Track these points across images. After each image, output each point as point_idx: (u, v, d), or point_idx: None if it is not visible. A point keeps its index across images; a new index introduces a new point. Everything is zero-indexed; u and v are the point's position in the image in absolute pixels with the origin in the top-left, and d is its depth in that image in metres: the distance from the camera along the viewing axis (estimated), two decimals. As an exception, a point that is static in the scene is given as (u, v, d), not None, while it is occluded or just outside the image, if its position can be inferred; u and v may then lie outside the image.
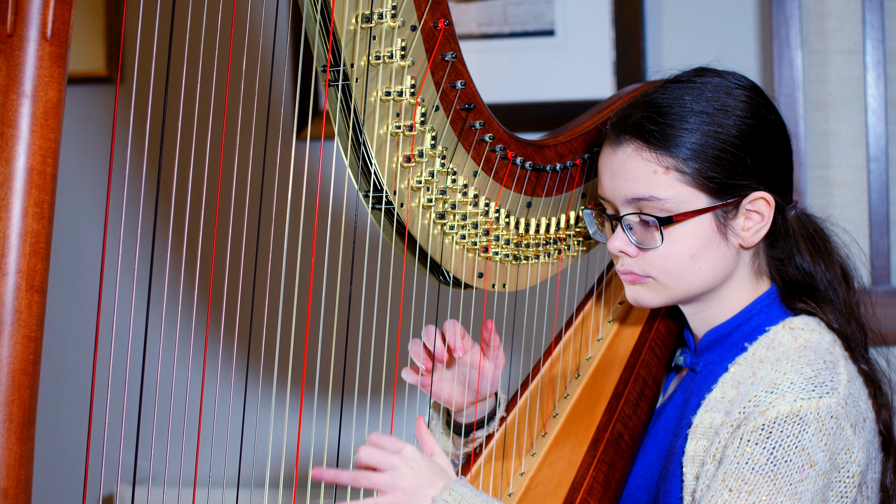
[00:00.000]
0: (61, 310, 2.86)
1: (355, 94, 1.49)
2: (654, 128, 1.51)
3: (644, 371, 1.72)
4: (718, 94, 1.54)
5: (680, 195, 1.51)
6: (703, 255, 1.54)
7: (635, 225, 1.55)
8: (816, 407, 1.44)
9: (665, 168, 1.51)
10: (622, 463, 1.63)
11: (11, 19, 1.21)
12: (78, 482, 2.89)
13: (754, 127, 1.54)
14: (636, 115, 1.54)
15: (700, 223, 1.53)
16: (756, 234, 1.56)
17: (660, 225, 1.52)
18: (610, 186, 1.56)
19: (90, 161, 2.91)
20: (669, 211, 1.52)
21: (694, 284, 1.56)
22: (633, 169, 1.53)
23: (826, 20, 2.46)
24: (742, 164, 1.52)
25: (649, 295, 1.59)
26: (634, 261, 1.57)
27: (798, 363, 1.49)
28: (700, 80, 1.56)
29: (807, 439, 1.42)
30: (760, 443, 1.43)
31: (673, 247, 1.53)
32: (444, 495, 1.42)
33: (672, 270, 1.55)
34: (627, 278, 1.59)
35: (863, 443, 1.48)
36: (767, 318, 1.60)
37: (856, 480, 1.47)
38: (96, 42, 2.89)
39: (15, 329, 1.22)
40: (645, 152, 1.52)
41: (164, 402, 1.75)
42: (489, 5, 2.68)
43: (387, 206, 1.55)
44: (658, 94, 1.56)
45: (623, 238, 1.56)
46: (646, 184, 1.52)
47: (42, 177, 1.23)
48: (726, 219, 1.54)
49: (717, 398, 1.54)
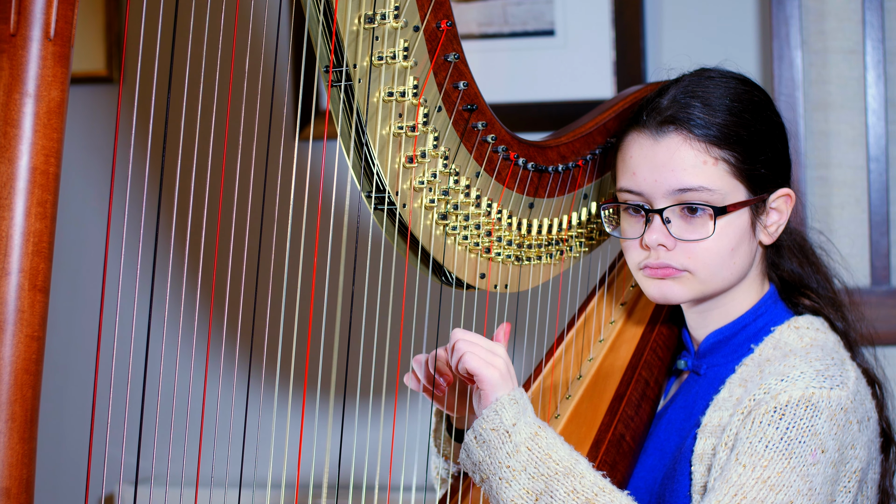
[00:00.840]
0: (64, 309, 2.86)
1: (358, 94, 1.49)
2: (702, 117, 1.52)
3: (646, 372, 1.72)
4: (746, 90, 1.57)
5: (726, 186, 1.52)
6: (739, 249, 1.54)
7: (675, 217, 1.53)
8: (828, 396, 1.43)
9: (714, 159, 1.51)
10: (624, 464, 1.63)
11: (15, 19, 1.21)
12: (80, 481, 2.89)
13: (778, 125, 1.58)
14: (679, 105, 1.54)
15: (741, 216, 1.54)
16: (777, 230, 1.58)
17: (715, 214, 1.51)
18: (650, 178, 1.54)
19: (92, 161, 2.91)
20: (717, 202, 1.51)
21: (727, 279, 1.56)
22: (681, 160, 1.52)
23: (826, 20, 2.46)
24: (774, 159, 1.55)
25: (680, 289, 1.56)
26: (672, 254, 1.54)
27: (807, 358, 1.49)
28: (722, 78, 1.58)
29: (819, 425, 1.42)
30: (773, 423, 1.42)
31: (719, 239, 1.52)
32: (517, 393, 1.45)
33: (711, 263, 1.54)
34: (659, 273, 1.56)
35: (865, 441, 1.48)
36: (772, 318, 1.60)
37: (857, 477, 1.47)
38: (96, 42, 2.89)
39: (17, 328, 1.22)
40: (695, 142, 1.52)
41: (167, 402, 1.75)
42: (489, 5, 2.68)
43: (389, 207, 1.55)
44: (696, 85, 1.56)
45: (663, 230, 1.54)
46: (696, 174, 1.51)
47: (45, 176, 1.23)
48: (757, 213, 1.55)
49: (725, 397, 1.54)
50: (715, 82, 1.57)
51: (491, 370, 1.44)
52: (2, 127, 1.22)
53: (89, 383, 2.94)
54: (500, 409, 1.43)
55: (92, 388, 2.90)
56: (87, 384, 2.95)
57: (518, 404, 1.44)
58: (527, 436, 1.42)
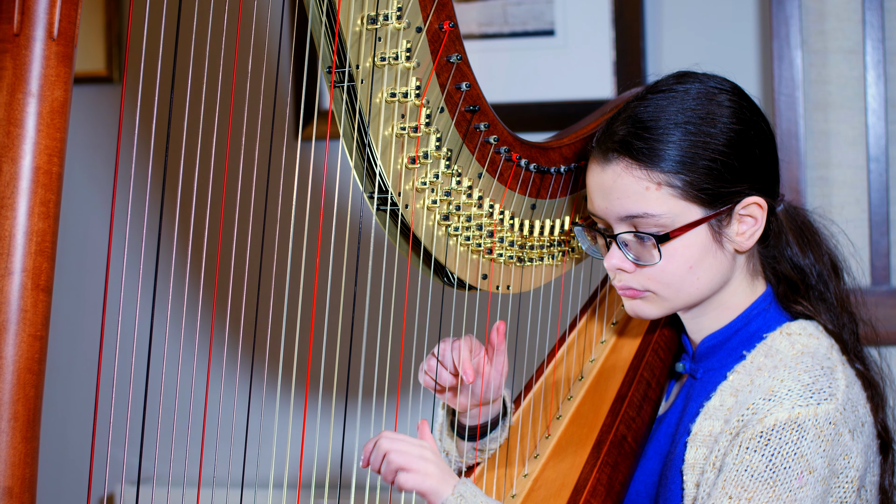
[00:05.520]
0: (66, 309, 2.86)
1: (360, 95, 1.49)
2: (641, 144, 1.50)
3: (647, 373, 1.72)
4: (702, 101, 1.52)
5: (674, 209, 1.50)
6: (700, 265, 1.53)
7: (631, 241, 1.53)
8: (815, 413, 1.43)
9: (657, 184, 1.49)
10: (625, 465, 1.64)
11: (18, 19, 1.22)
12: (82, 481, 2.89)
13: (741, 132, 1.52)
14: (621, 132, 1.52)
15: (696, 235, 1.51)
16: (751, 238, 1.55)
17: (657, 242, 1.50)
18: (601, 205, 1.54)
19: (94, 161, 2.91)
20: (664, 226, 1.50)
21: (693, 294, 1.56)
22: (624, 187, 1.51)
23: (826, 20, 2.46)
24: (732, 171, 1.51)
25: (649, 307, 1.58)
26: (632, 276, 1.55)
27: (795, 370, 1.48)
28: (681, 88, 1.54)
29: (805, 446, 1.42)
30: (759, 450, 1.43)
31: (671, 261, 1.52)
32: (461, 488, 1.48)
33: (671, 283, 1.54)
34: (627, 294, 1.58)
35: (861, 447, 1.48)
36: (765, 322, 1.59)
37: (854, 485, 1.47)
38: (96, 42, 2.89)
39: (20, 328, 1.22)
40: (635, 170, 1.50)
41: (168, 402, 1.75)
42: (489, 5, 2.68)
43: (391, 208, 1.55)
44: (641, 107, 1.53)
45: (619, 255, 1.54)
46: (638, 201, 1.50)
47: (48, 176, 1.23)
48: (720, 226, 1.53)
49: (716, 406, 1.54)
50: (666, 100, 1.53)
51: (429, 481, 1.49)
52: (5, 126, 1.22)
53: (91, 383, 2.94)
54: None
55: (94, 387, 2.91)
56: (89, 384, 2.95)
57: (465, 499, 1.48)
58: None
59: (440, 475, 1.49)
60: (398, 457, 1.49)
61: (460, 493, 1.48)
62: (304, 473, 1.57)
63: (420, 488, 1.49)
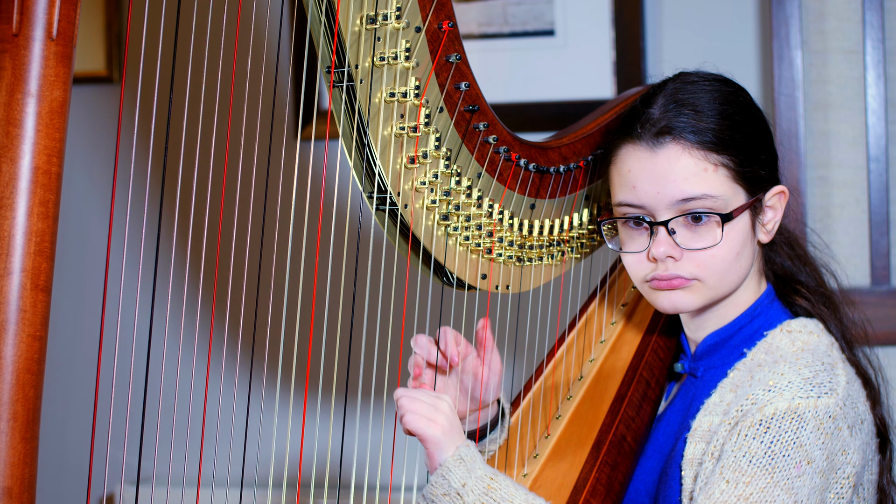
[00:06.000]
0: (65, 309, 2.86)
1: (359, 95, 1.49)
2: (698, 124, 1.51)
3: (647, 373, 1.72)
4: (731, 92, 1.56)
5: (728, 191, 1.51)
6: (743, 252, 1.54)
7: (679, 227, 1.52)
8: (815, 406, 1.43)
9: (714, 165, 1.50)
10: (625, 464, 1.64)
11: (17, 19, 1.22)
12: (81, 481, 2.89)
13: (765, 122, 1.58)
14: (671, 114, 1.52)
15: (743, 219, 1.53)
16: (774, 227, 1.57)
17: (723, 221, 1.50)
18: (652, 190, 1.52)
19: (94, 161, 2.91)
20: (721, 209, 1.50)
21: (734, 282, 1.56)
22: (683, 169, 1.50)
23: (826, 20, 2.46)
24: (766, 157, 1.55)
25: (692, 298, 1.55)
26: (680, 264, 1.53)
27: (796, 365, 1.48)
28: (710, 79, 1.57)
29: (805, 436, 1.42)
30: (758, 437, 1.42)
31: (725, 245, 1.51)
32: (463, 451, 1.45)
33: (720, 269, 1.52)
34: (668, 284, 1.54)
35: (859, 444, 1.48)
36: (767, 320, 1.59)
37: (851, 482, 1.46)
38: (96, 42, 2.89)
39: (19, 328, 1.22)
40: (693, 150, 1.50)
41: (168, 402, 1.75)
42: (489, 5, 2.68)
43: (391, 208, 1.55)
44: (683, 92, 1.54)
45: (669, 241, 1.52)
46: (698, 183, 1.50)
47: (47, 176, 1.23)
48: (756, 214, 1.55)
49: (716, 402, 1.54)
50: (699, 86, 1.55)
51: (433, 428, 1.45)
52: (4, 126, 1.22)
53: (91, 383, 2.94)
54: (446, 473, 1.44)
55: (93, 387, 2.91)
56: (88, 384, 2.95)
57: (464, 462, 1.45)
58: (479, 493, 1.43)
59: (448, 429, 1.46)
60: (409, 402, 1.46)
61: (461, 455, 1.45)
62: (303, 473, 1.57)
63: (422, 433, 1.45)
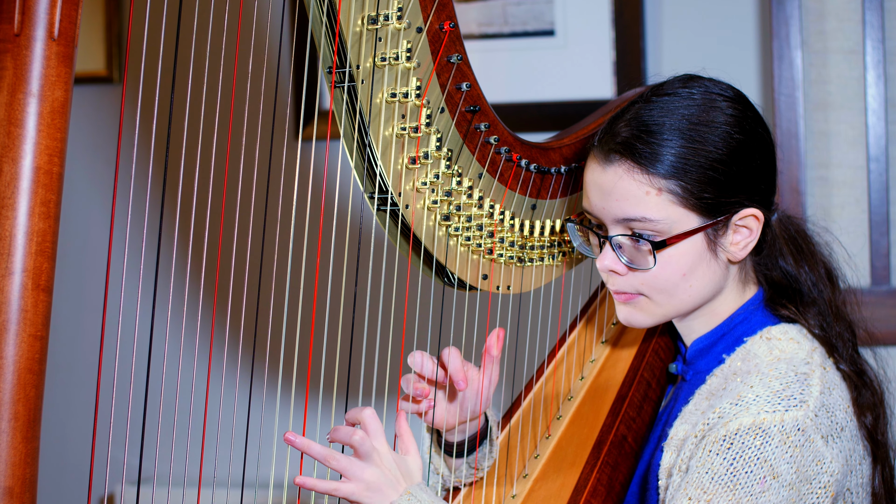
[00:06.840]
0: (67, 309, 2.86)
1: (361, 95, 1.49)
2: (644, 148, 1.48)
3: (648, 374, 1.72)
4: (705, 108, 1.51)
5: (672, 216, 1.49)
6: (693, 273, 1.52)
7: (625, 244, 1.52)
8: (781, 420, 1.41)
9: (657, 189, 1.48)
10: (626, 465, 1.64)
11: (19, 19, 1.22)
12: (82, 481, 2.89)
13: (742, 143, 1.51)
14: (625, 133, 1.50)
15: (691, 243, 1.50)
16: (745, 248, 1.54)
17: (653, 249, 1.49)
18: (599, 204, 1.53)
19: (95, 161, 2.91)
20: (661, 232, 1.49)
21: (686, 302, 1.55)
22: (624, 190, 1.49)
23: (826, 20, 2.46)
24: (732, 181, 1.50)
25: (641, 316, 1.57)
26: (624, 279, 1.54)
27: (767, 377, 1.47)
28: (685, 92, 1.53)
29: (769, 451, 1.40)
30: (721, 453, 1.41)
31: (665, 268, 1.51)
32: (403, 500, 1.43)
33: (664, 289, 1.53)
34: (619, 298, 1.57)
35: (836, 453, 1.45)
36: (750, 326, 1.58)
37: (829, 491, 1.44)
38: (96, 42, 2.89)
39: (21, 328, 1.22)
40: (637, 173, 1.48)
41: (169, 402, 1.75)
42: (489, 5, 2.69)
43: (392, 208, 1.55)
44: (645, 109, 1.52)
45: (612, 257, 1.53)
46: (637, 205, 1.49)
47: (49, 176, 1.23)
48: (716, 236, 1.52)
49: (692, 410, 1.53)
50: (670, 105, 1.52)
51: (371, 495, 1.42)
52: (6, 126, 1.22)
53: (92, 383, 2.94)
54: None
55: (94, 387, 2.91)
56: (89, 384, 2.95)
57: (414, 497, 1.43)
58: None
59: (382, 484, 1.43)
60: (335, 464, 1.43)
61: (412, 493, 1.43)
62: (303, 473, 1.56)
63: None
